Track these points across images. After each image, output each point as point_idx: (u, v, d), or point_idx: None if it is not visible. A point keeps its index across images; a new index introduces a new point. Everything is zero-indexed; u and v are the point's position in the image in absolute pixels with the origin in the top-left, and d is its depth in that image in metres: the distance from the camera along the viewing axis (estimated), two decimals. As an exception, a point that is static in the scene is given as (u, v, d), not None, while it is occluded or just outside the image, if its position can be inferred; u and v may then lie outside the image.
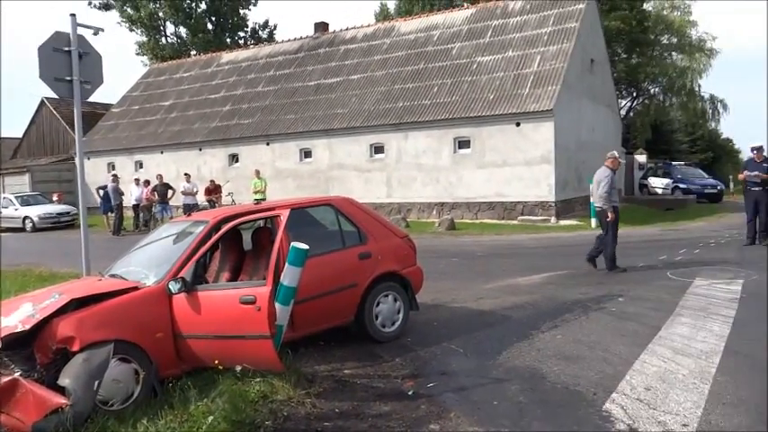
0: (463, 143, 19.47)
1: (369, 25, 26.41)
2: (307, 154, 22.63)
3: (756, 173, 11.38)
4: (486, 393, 4.38)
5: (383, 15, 42.31)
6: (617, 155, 9.73)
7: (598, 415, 3.91)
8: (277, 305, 4.45)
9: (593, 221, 16.86)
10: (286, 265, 4.49)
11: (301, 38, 27.73)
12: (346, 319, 5.64)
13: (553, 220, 17.80)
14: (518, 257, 11.46)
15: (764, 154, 11.56)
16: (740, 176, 12.18)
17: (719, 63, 77.53)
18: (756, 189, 11.41)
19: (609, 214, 9.14)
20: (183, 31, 40.24)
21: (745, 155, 11.38)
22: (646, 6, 30.45)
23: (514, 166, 18.50)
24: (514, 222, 18.07)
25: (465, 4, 33.13)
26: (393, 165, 20.68)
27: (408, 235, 6.42)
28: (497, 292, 7.97)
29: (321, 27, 27.50)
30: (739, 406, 3.96)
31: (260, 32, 42.62)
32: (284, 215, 4.73)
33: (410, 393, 4.44)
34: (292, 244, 4.46)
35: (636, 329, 5.82)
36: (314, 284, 5.17)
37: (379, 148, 21.01)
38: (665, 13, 31.47)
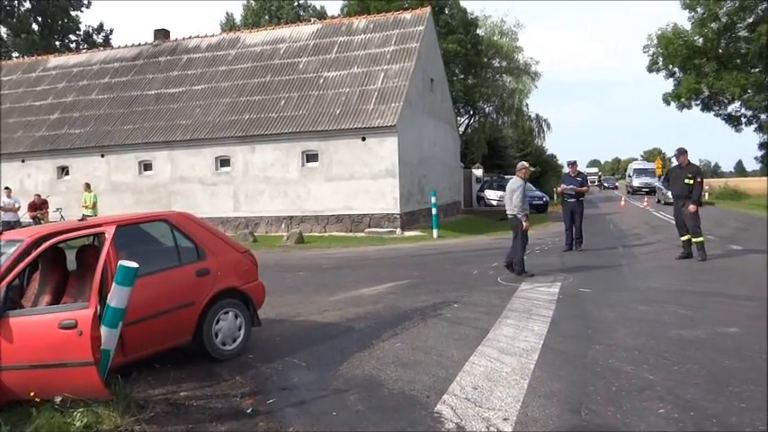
0: (311, 156, 19.59)
1: (213, 35, 25.74)
2: (147, 167, 21.44)
3: (571, 186, 12.73)
4: (325, 405, 4.43)
5: (229, 26, 41.45)
6: (527, 165, 10.53)
7: (430, 417, 4.11)
8: (103, 328, 4.19)
9: (435, 232, 17.77)
10: (113, 284, 4.23)
11: (140, 44, 26.32)
12: (184, 339, 5.42)
13: (398, 231, 18.45)
14: (364, 269, 11.73)
15: (578, 169, 12.94)
16: (558, 189, 13.51)
17: (542, 85, 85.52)
18: (572, 200, 12.76)
19: (524, 223, 9.68)
20: (2, 30, 36.43)
21: (566, 169, 12.85)
22: (479, 31, 32.76)
23: (361, 179, 18.94)
24: (362, 234, 18.47)
25: (312, 20, 33.51)
26: (240, 178, 20.25)
27: (249, 250, 6.32)
28: (342, 303, 8.09)
29: (161, 34, 26.30)
30: (552, 397, 4.37)
31: (94, 36, 39.81)
32: (110, 232, 4.46)
33: (249, 411, 4.36)
34: (120, 262, 4.22)
35: (468, 333, 6.21)
36: (146, 304, 4.93)
37: (225, 161, 20.48)
38: (495, 38, 34.09)
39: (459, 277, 10.05)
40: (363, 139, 18.82)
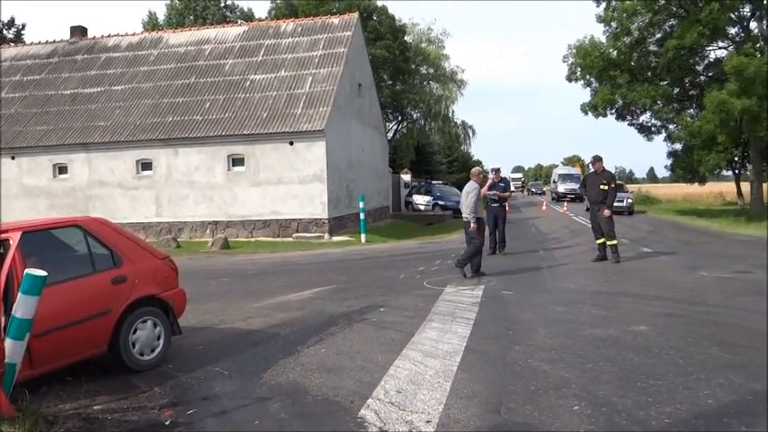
0: (237, 160, 19.25)
1: (134, 34, 24.87)
2: (62, 170, 20.45)
3: (494, 191, 13.08)
4: (247, 414, 4.35)
5: (151, 25, 40.13)
6: (480, 170, 11.06)
7: (354, 422, 4.11)
8: (7, 341, 3.96)
9: (364, 237, 17.83)
10: (19, 294, 4.00)
11: (55, 41, 25.09)
12: (98, 350, 5.19)
13: (326, 236, 18.39)
14: (291, 274, 11.62)
15: (501, 174, 13.32)
16: (482, 194, 13.85)
17: (468, 92, 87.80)
18: (495, 205, 13.14)
19: (472, 224, 10.03)
20: None
21: (491, 175, 13.27)
22: (407, 38, 33.20)
23: (289, 183, 18.77)
24: (289, 240, 18.30)
25: (239, 21, 32.97)
26: (163, 182, 19.64)
27: (169, 256, 6.13)
28: (267, 310, 7.98)
29: (78, 31, 25.18)
30: (473, 398, 4.46)
31: (5, 32, 37.57)
32: (15, 239, 4.22)
33: (167, 423, 4.22)
34: (26, 271, 4.00)
35: (393, 337, 6.26)
36: (57, 314, 4.69)
37: (146, 165, 19.81)
38: (423, 45, 34.66)
39: (386, 281, 10.12)
40: (291, 143, 18.67)
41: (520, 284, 9.34)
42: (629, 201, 29.13)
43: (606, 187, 11.55)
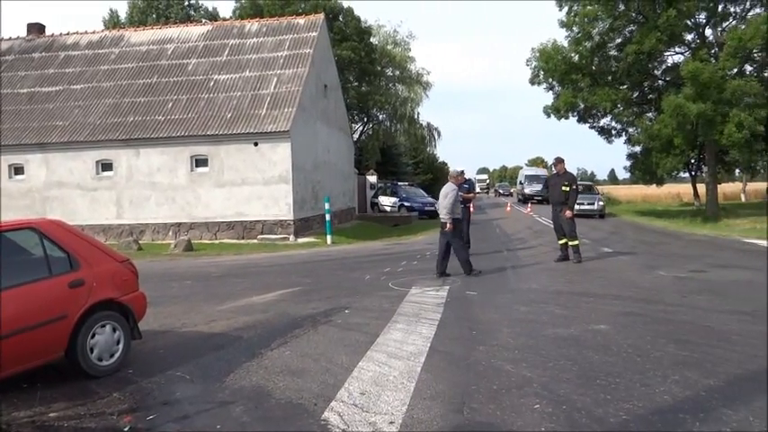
0: (201, 161, 19.00)
1: (95, 32, 24.32)
2: (18, 170, 19.89)
3: (459, 193, 13.14)
4: (209, 418, 4.29)
5: (113, 23, 39.31)
6: (458, 171, 11.21)
7: (317, 424, 4.09)
8: (-43, 348, 3.82)
9: (329, 238, 17.78)
10: (-30, 300, 3.88)
11: (11, 38, 24.36)
12: (55, 355, 5.06)
13: (292, 238, 18.28)
14: (255, 276, 11.51)
15: (465, 176, 13.41)
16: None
17: (434, 94, 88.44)
18: (460, 206, 13.17)
19: (447, 225, 10.06)
20: None
21: None
22: (373, 40, 33.25)
23: (253, 185, 18.60)
24: (254, 241, 18.13)
25: (203, 20, 32.54)
26: (124, 183, 19.26)
27: (129, 259, 6.01)
28: (231, 312, 7.89)
29: (35, 29, 24.52)
30: (437, 398, 4.49)
31: (-44, 27, 36.36)
32: (-34, 242, 4.08)
33: (126, 429, 4.14)
34: (-23, 275, 3.87)
35: (358, 338, 6.25)
36: (11, 319, 4.56)
37: (107, 165, 19.40)
38: (389, 47, 34.75)
39: (352, 283, 10.11)
40: (256, 144, 18.50)
41: (484, 285, 9.43)
42: (601, 203, 27.59)
43: (568, 189, 11.75)
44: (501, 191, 76.73)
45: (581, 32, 25.72)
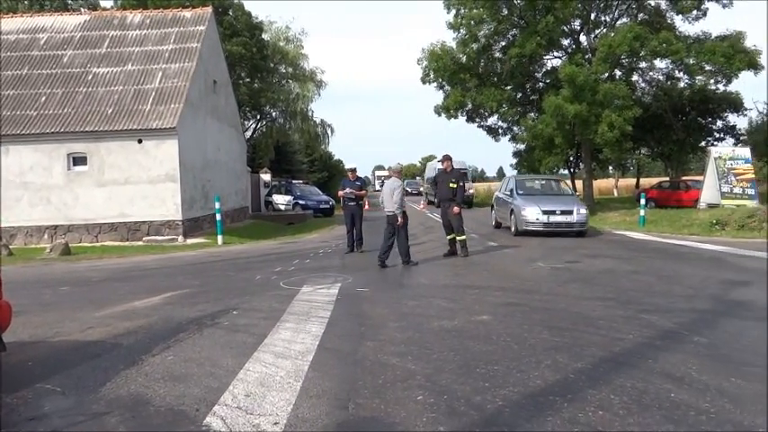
0: (79, 159, 17.85)
1: (-48, 17, 22.14)
2: None
3: (351, 190, 13.28)
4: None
5: (-25, 8, 35.92)
6: (401, 166, 12.09)
7: (198, 431, 3.98)
8: None
9: (220, 239, 17.31)
10: None
11: None
12: None
13: (180, 239, 17.62)
14: (139, 280, 10.99)
15: (357, 174, 13.55)
16: (339, 194, 14.00)
17: (328, 92, 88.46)
18: (352, 204, 13.34)
19: (399, 219, 10.88)
20: None
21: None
22: (264, 36, 32.67)
23: (138, 184, 17.74)
24: (139, 243, 17.30)
25: (81, 10, 30.56)
26: (-11, 183, 17.69)
27: (-10, 266, 5.55)
28: (110, 319, 7.48)
29: None
30: (323, 396, 4.50)
31: None
32: None
33: (-15, 450, 3.83)
34: None
35: (245, 340, 6.14)
36: None
37: (-31, 164, 17.74)
38: (281, 44, 34.30)
39: (241, 283, 9.90)
40: (140, 141, 17.65)
41: (375, 281, 9.57)
42: (582, 212, 16.63)
43: (455, 185, 12.16)
44: (409, 188, 71.74)
45: (468, 34, 26.69)
